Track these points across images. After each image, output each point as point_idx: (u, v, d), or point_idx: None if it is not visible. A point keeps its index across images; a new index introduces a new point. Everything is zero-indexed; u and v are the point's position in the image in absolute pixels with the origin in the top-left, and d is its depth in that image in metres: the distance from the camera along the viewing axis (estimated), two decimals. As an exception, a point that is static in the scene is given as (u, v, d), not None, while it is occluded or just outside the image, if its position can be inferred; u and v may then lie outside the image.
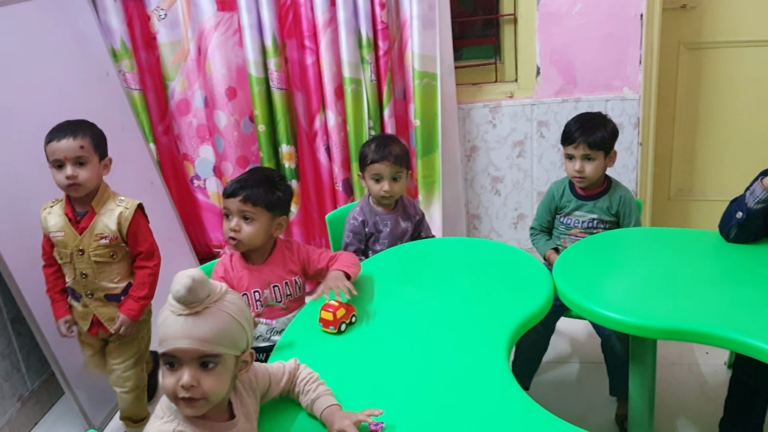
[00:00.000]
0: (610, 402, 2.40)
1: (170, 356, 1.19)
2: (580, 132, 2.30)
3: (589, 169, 2.31)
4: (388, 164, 2.33)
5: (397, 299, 1.97)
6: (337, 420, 1.37)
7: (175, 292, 1.16)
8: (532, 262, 2.10)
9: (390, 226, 2.41)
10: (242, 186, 1.93)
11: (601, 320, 1.81)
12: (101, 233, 2.15)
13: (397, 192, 2.38)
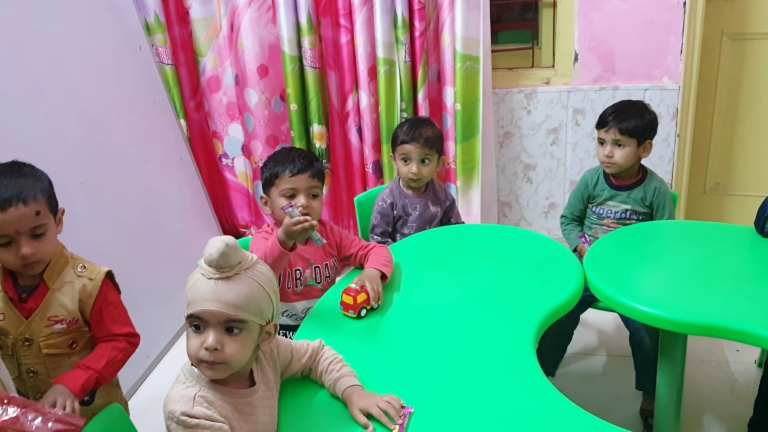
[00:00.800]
0: (635, 396, 2.36)
1: (197, 318, 1.22)
2: (614, 116, 2.27)
3: (618, 155, 2.27)
4: (418, 146, 2.31)
5: (423, 284, 1.95)
6: (358, 399, 1.37)
7: (207, 256, 1.20)
8: (562, 251, 2.07)
9: (419, 209, 2.38)
10: (310, 162, 1.93)
11: (631, 313, 1.76)
12: (56, 316, 1.58)
13: (426, 175, 2.35)
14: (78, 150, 2.63)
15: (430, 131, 2.35)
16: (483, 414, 1.38)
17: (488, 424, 1.36)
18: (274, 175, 1.92)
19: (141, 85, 3.14)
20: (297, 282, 1.96)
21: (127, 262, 2.75)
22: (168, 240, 3.06)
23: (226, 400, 1.27)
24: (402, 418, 1.34)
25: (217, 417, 1.23)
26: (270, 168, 1.94)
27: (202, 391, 1.25)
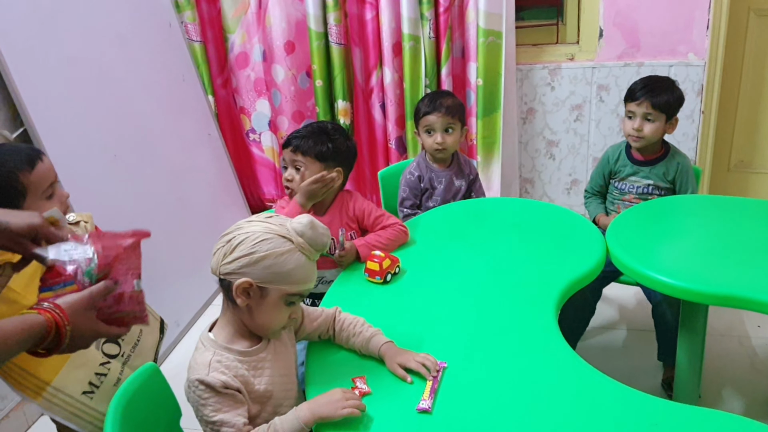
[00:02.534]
0: (656, 368, 2.39)
1: (300, 296, 1.37)
2: (645, 90, 2.27)
3: (647, 129, 2.28)
4: (440, 115, 2.34)
5: (447, 254, 1.99)
6: (395, 354, 1.45)
7: (321, 244, 1.34)
8: (585, 224, 2.10)
9: (444, 183, 2.42)
10: (294, 137, 1.99)
11: (653, 284, 1.79)
12: None
13: (450, 145, 2.38)
14: (111, 124, 2.70)
15: (451, 101, 2.38)
16: (508, 376, 1.43)
17: (514, 386, 1.41)
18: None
19: (171, 62, 3.19)
20: None
21: (157, 234, 2.81)
22: (196, 213, 3.13)
23: (239, 359, 1.35)
24: (437, 372, 1.41)
25: (231, 382, 1.31)
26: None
27: (217, 355, 1.34)
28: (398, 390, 1.39)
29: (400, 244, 2.02)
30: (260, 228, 1.31)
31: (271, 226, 1.32)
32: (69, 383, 1.55)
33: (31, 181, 1.50)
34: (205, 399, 1.29)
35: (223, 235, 1.35)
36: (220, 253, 1.32)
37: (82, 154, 2.50)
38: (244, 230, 1.31)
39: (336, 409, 1.28)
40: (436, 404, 1.34)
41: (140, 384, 1.43)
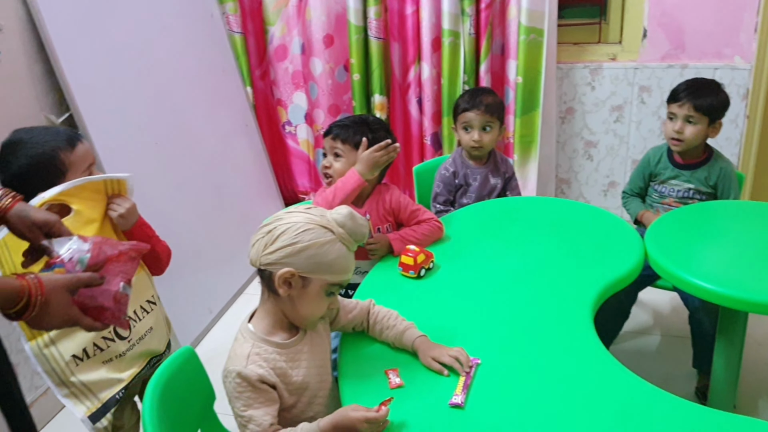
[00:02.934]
0: (690, 375, 2.35)
1: (340, 286, 1.39)
2: (688, 92, 2.24)
3: (689, 132, 2.24)
4: (479, 113, 2.33)
5: (482, 252, 1.98)
6: (429, 348, 1.46)
7: (360, 235, 1.35)
8: (623, 226, 2.07)
9: (479, 180, 2.40)
10: (335, 125, 2.00)
11: (692, 289, 1.76)
12: None
13: (487, 143, 2.36)
14: (153, 112, 2.73)
15: (491, 99, 2.37)
16: (542, 375, 1.42)
17: (547, 385, 1.40)
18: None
19: (211, 53, 3.22)
20: None
21: (193, 221, 2.86)
22: (231, 202, 3.16)
23: (278, 352, 1.37)
24: (470, 368, 1.41)
25: (268, 377, 1.33)
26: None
27: (255, 347, 1.35)
28: (430, 384, 1.39)
29: (435, 239, 2.01)
30: (301, 219, 1.32)
31: (312, 217, 1.32)
32: (65, 339, 1.55)
33: (71, 160, 1.57)
34: (239, 392, 1.31)
35: (262, 226, 1.35)
36: (261, 243, 1.32)
37: (124, 140, 2.54)
38: (286, 221, 1.32)
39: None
40: (468, 400, 1.34)
41: (178, 366, 1.46)
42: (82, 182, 1.55)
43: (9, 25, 2.23)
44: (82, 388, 1.56)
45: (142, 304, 1.69)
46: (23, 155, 1.54)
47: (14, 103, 2.26)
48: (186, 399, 1.48)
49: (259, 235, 1.34)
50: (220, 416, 1.64)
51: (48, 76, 2.38)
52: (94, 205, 1.59)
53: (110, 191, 1.63)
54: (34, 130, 1.60)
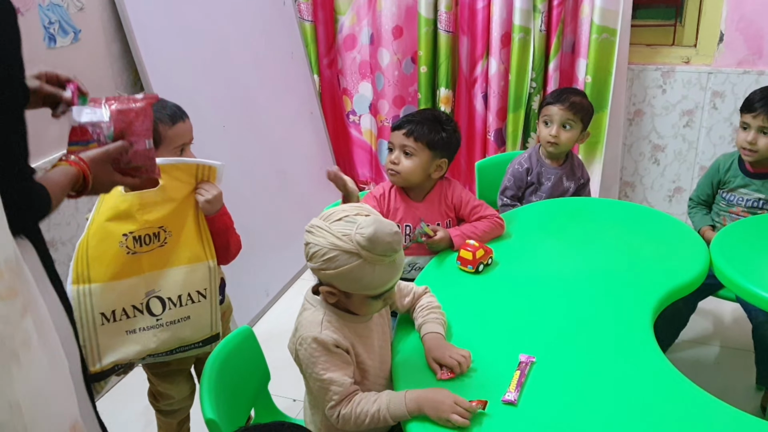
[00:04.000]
0: (750, 390, 2.29)
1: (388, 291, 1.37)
2: (764, 102, 2.16)
3: (762, 143, 2.17)
4: (562, 108, 2.29)
5: (542, 250, 1.97)
6: (433, 348, 1.45)
7: (390, 250, 1.28)
8: (688, 232, 2.03)
9: (553, 180, 2.37)
10: (408, 121, 1.98)
11: (757, 300, 1.72)
12: None
13: (564, 141, 2.31)
14: (222, 95, 2.79)
15: (579, 98, 2.33)
16: (597, 377, 1.41)
17: (602, 387, 1.39)
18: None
19: (282, 39, 3.27)
20: (406, 237, 2.01)
21: (255, 205, 2.91)
22: (292, 188, 3.21)
23: (348, 325, 1.39)
24: (525, 365, 1.41)
25: (342, 341, 1.35)
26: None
27: (327, 315, 1.38)
28: (485, 380, 1.39)
29: (495, 236, 2.01)
30: (326, 241, 1.29)
31: (336, 241, 1.28)
32: (103, 293, 1.60)
33: (168, 134, 1.67)
34: (316, 357, 1.33)
35: (306, 230, 1.35)
36: (304, 250, 1.35)
37: (194, 122, 2.60)
38: (314, 240, 1.31)
39: (443, 413, 1.27)
40: (521, 397, 1.33)
41: (236, 345, 1.49)
42: (177, 162, 1.64)
43: (90, 5, 2.31)
44: (92, 346, 1.62)
45: (191, 292, 1.69)
46: None
47: (92, 80, 2.34)
48: (242, 377, 1.52)
49: (304, 238, 1.35)
50: (273, 398, 1.68)
51: (124, 55, 2.46)
52: (180, 186, 1.65)
53: (200, 176, 1.69)
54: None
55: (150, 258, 1.63)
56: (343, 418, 1.32)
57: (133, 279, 1.62)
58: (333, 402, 1.32)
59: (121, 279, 1.61)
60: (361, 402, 1.32)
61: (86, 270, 1.59)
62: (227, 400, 1.40)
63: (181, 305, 1.67)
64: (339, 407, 1.32)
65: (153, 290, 1.65)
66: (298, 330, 1.39)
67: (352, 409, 1.31)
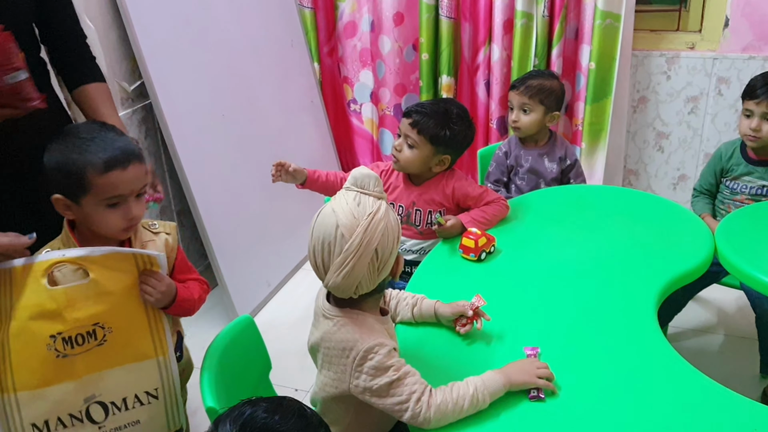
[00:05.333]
0: (754, 378, 2.27)
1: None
2: (766, 88, 2.13)
3: (766, 129, 2.14)
4: (517, 92, 2.33)
5: (545, 238, 1.95)
6: (446, 306, 1.51)
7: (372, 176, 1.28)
8: (692, 219, 2.01)
9: (530, 162, 2.38)
10: (417, 111, 1.95)
11: (762, 287, 1.70)
12: None
13: (526, 125, 2.33)
14: (222, 84, 2.77)
15: (537, 81, 2.33)
16: (601, 366, 1.40)
17: (606, 376, 1.37)
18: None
19: (281, 27, 3.24)
20: (399, 218, 1.99)
21: (256, 194, 2.90)
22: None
23: (381, 327, 1.34)
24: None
25: (394, 344, 1.32)
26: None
27: (362, 322, 1.30)
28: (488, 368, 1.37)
29: (502, 218, 2.02)
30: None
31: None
32: (31, 403, 1.40)
33: (98, 183, 1.36)
34: (389, 357, 1.25)
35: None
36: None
37: (193, 111, 2.59)
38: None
39: (531, 377, 1.30)
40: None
41: (236, 334, 1.48)
42: (108, 252, 1.40)
43: (88, -7, 2.29)
44: None
45: (138, 394, 1.47)
46: (58, 151, 1.38)
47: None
48: (243, 367, 1.51)
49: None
50: (275, 387, 1.67)
51: (122, 43, 2.43)
52: (118, 276, 1.42)
53: (142, 265, 1.45)
54: (91, 131, 1.42)
55: (86, 359, 1.40)
56: (439, 408, 1.22)
57: (67, 384, 1.40)
58: (417, 394, 1.23)
59: (52, 385, 1.39)
60: (452, 388, 1.26)
61: (10, 377, 1.37)
62: (228, 388, 1.39)
63: (126, 409, 1.46)
64: (429, 398, 1.23)
65: (93, 395, 1.43)
66: (357, 344, 1.26)
67: (447, 395, 1.24)
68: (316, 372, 1.39)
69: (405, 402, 1.22)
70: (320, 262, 1.27)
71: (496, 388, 1.27)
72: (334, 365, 1.30)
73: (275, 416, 0.96)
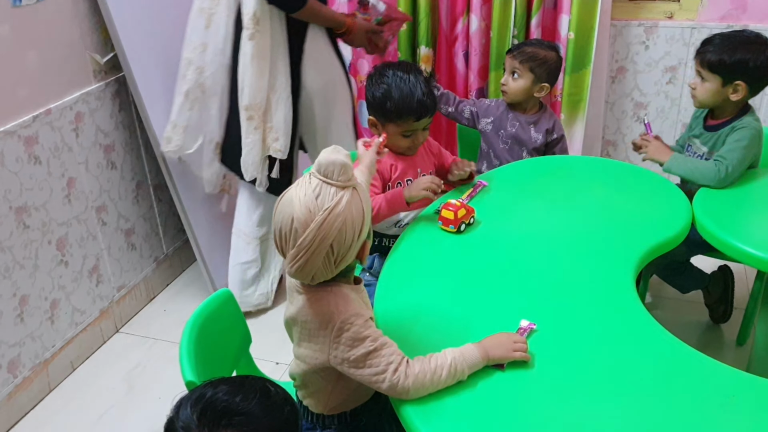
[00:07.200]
0: (731, 345, 2.32)
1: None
2: (705, 45, 2.09)
3: (699, 88, 2.09)
4: (511, 56, 2.36)
5: (523, 209, 1.95)
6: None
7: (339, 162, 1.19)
8: (672, 189, 2.01)
9: (516, 128, 2.37)
10: (427, 108, 1.91)
11: (739, 255, 1.73)
12: None
13: (512, 90, 2.34)
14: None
15: (532, 49, 2.34)
16: (581, 336, 1.41)
17: (585, 346, 1.38)
18: (398, 115, 1.89)
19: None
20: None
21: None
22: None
23: (354, 291, 1.32)
24: (523, 330, 1.40)
25: (370, 313, 1.32)
26: (394, 105, 1.89)
27: (338, 294, 1.28)
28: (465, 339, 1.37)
29: None
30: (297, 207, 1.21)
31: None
32: None
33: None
34: (365, 328, 1.24)
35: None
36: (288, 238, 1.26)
37: (167, 81, 2.54)
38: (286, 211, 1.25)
39: (508, 351, 1.29)
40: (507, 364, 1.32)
41: (215, 308, 1.47)
42: None
43: (56, -39, 2.23)
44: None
45: None
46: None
47: (59, 41, 2.26)
48: (223, 340, 1.50)
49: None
50: (256, 362, 1.66)
51: (93, 14, 2.38)
52: None
53: None
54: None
55: None
56: (417, 378, 1.22)
57: None
58: (395, 365, 1.22)
59: None
60: (430, 359, 1.25)
61: None
62: (207, 362, 1.38)
63: None
64: (406, 368, 1.22)
65: None
66: (334, 316, 1.25)
67: (425, 366, 1.23)
68: (293, 346, 1.38)
69: (382, 372, 1.22)
70: (280, 248, 1.24)
71: (474, 361, 1.27)
72: (312, 338, 1.30)
73: (236, 397, 0.94)
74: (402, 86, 1.89)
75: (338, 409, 1.41)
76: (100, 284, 2.54)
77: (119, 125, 2.55)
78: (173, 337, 2.52)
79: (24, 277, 2.20)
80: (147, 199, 2.75)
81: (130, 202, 2.66)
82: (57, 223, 2.30)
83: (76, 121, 2.34)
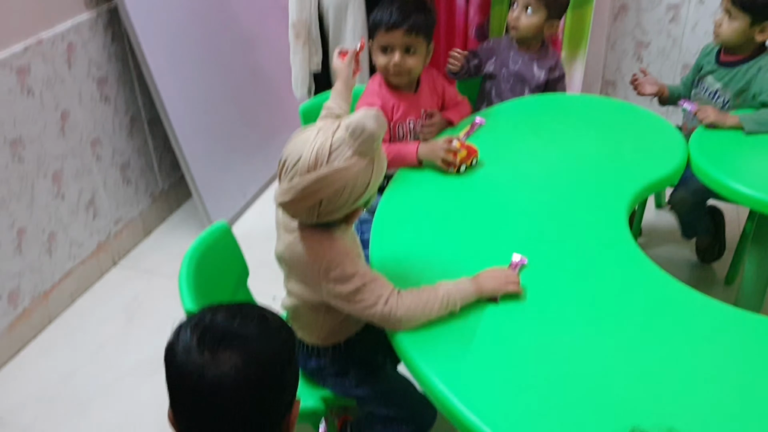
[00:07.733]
0: (721, 282, 2.36)
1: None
2: None
3: (725, 26, 2.07)
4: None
5: (521, 148, 1.95)
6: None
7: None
8: (667, 129, 2.01)
9: (519, 65, 2.31)
10: (403, 16, 1.84)
11: (734, 195, 1.74)
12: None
13: (524, 25, 2.23)
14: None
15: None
16: (574, 273, 1.43)
17: (579, 283, 1.40)
18: (373, 26, 1.89)
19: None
20: (411, 133, 1.99)
21: (228, 102, 2.85)
22: (266, 88, 3.12)
23: (340, 229, 1.31)
24: (514, 266, 1.42)
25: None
26: (373, 15, 1.90)
27: (330, 238, 1.27)
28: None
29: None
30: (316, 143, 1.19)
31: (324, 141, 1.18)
32: None
33: None
34: (348, 268, 1.24)
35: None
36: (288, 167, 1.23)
37: (162, 14, 2.50)
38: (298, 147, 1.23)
39: (501, 284, 1.32)
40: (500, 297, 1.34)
41: (213, 240, 1.48)
42: None
43: None
44: None
45: None
46: None
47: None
48: (221, 272, 1.52)
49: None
50: (254, 296, 1.68)
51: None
52: None
53: None
54: None
55: None
56: (409, 309, 1.24)
57: None
58: (385, 297, 1.24)
59: None
60: (422, 290, 1.27)
61: None
62: (206, 293, 1.40)
63: None
64: (397, 299, 1.24)
65: None
66: (314, 261, 1.25)
67: (416, 297, 1.25)
68: (283, 280, 1.40)
69: (373, 306, 1.24)
70: (279, 174, 1.22)
71: (467, 293, 1.29)
72: (301, 277, 1.32)
73: (234, 321, 0.95)
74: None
75: (331, 340, 1.44)
76: (97, 218, 2.55)
77: (112, 57, 2.51)
78: (171, 271, 2.54)
79: (21, 209, 2.20)
80: (141, 134, 2.73)
81: (125, 137, 2.64)
82: (52, 156, 2.30)
83: (69, 52, 2.30)
